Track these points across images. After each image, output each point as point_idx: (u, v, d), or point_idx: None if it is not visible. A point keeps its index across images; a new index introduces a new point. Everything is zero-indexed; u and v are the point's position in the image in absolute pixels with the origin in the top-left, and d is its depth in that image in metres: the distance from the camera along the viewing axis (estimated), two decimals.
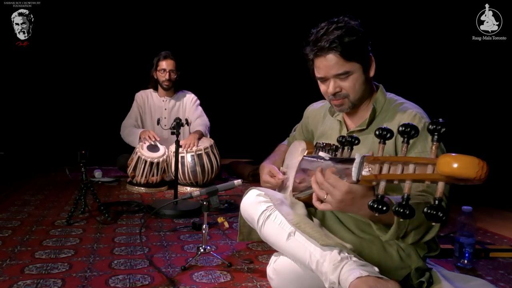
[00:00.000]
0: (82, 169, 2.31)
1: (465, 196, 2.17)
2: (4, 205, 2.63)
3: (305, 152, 1.67)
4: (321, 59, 1.38)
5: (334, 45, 1.33)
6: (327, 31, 1.36)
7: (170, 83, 3.48)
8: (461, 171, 0.72)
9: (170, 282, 1.54)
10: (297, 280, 1.34)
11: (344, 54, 1.34)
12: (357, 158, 0.96)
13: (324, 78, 1.41)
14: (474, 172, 0.71)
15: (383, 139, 0.93)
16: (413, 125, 0.88)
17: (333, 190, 1.08)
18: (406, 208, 0.82)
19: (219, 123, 3.89)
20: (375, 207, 0.87)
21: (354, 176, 0.95)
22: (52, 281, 1.53)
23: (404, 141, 0.89)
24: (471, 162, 0.72)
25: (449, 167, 0.74)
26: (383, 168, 0.90)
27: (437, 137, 0.82)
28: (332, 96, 1.42)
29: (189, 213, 2.52)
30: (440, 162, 0.76)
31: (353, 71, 1.37)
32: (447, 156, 0.75)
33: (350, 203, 1.08)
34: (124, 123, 3.52)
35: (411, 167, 0.85)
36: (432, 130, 0.82)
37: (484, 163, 0.72)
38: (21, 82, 4.33)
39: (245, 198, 1.52)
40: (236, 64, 4.72)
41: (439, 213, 0.78)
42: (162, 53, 3.46)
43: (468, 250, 1.81)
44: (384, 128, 0.93)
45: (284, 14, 4.54)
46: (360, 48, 1.37)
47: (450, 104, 4.23)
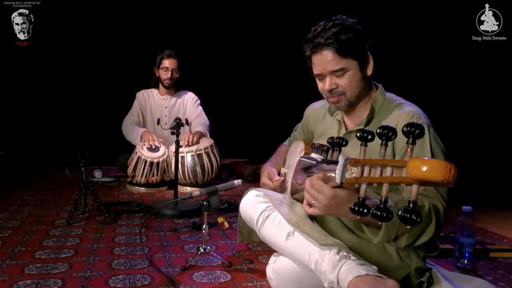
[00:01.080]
0: (82, 169, 2.31)
1: (465, 196, 2.17)
2: (4, 205, 2.63)
3: (303, 153, 1.67)
4: (317, 55, 1.39)
5: (330, 41, 1.34)
6: (324, 28, 1.37)
7: (171, 82, 3.49)
8: (429, 174, 0.72)
9: (170, 282, 1.54)
10: (297, 280, 1.34)
11: (340, 51, 1.35)
12: (340, 161, 0.95)
13: (321, 75, 1.42)
14: (441, 176, 0.71)
15: (364, 141, 0.92)
16: (391, 127, 0.85)
17: (318, 195, 1.09)
18: (383, 211, 0.82)
19: (219, 123, 3.89)
20: (356, 210, 0.87)
21: (337, 178, 0.95)
22: (52, 281, 1.53)
23: (382, 143, 0.86)
24: (439, 165, 0.71)
25: (418, 171, 0.73)
26: (365, 170, 0.89)
27: (412, 140, 0.80)
28: (329, 93, 1.42)
29: (189, 213, 2.52)
30: (410, 166, 0.75)
31: (349, 68, 1.38)
32: (416, 160, 0.74)
33: (335, 207, 1.09)
34: (126, 119, 3.52)
35: (388, 170, 0.84)
36: (406, 132, 0.80)
37: (452, 166, 0.71)
38: (21, 82, 4.33)
39: (244, 199, 1.52)
40: (236, 64, 4.72)
41: (413, 216, 0.77)
42: (166, 51, 3.48)
43: (468, 250, 1.81)
44: (365, 130, 0.92)
45: (284, 15, 4.54)
46: (357, 46, 1.37)
47: (450, 104, 4.24)
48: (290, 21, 4.42)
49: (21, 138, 4.33)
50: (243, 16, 4.61)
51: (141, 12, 4.47)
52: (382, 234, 1.14)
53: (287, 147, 1.95)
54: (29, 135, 4.36)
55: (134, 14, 4.46)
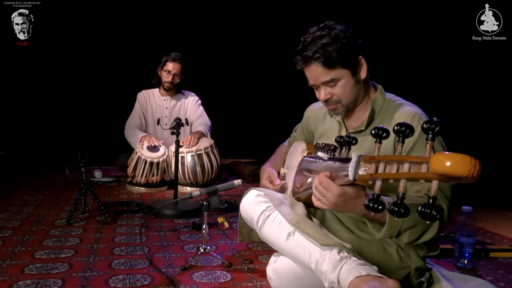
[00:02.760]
0: (82, 169, 2.31)
1: (465, 196, 2.16)
2: (4, 205, 2.63)
3: (305, 153, 1.67)
4: (308, 69, 1.42)
5: (317, 55, 1.36)
6: (312, 40, 1.38)
7: (171, 85, 3.49)
8: (454, 169, 0.72)
9: (170, 282, 1.54)
10: (297, 280, 1.34)
11: (327, 63, 1.36)
12: (354, 158, 0.96)
13: (315, 86, 1.45)
14: (466, 170, 0.71)
15: (379, 139, 0.93)
16: (408, 124, 0.88)
17: (327, 193, 1.11)
18: (401, 207, 0.83)
19: (219, 123, 3.89)
20: (371, 206, 0.88)
21: (350, 175, 0.96)
22: (52, 281, 1.53)
23: (399, 140, 0.89)
24: (464, 160, 0.72)
25: (442, 166, 0.73)
26: (379, 167, 0.90)
27: (431, 136, 0.81)
28: (325, 102, 1.45)
29: (189, 213, 2.52)
30: (433, 160, 0.75)
31: (340, 77, 1.39)
32: (440, 155, 0.74)
33: (343, 204, 1.12)
34: (129, 122, 3.52)
35: (406, 166, 0.85)
36: (426, 129, 0.82)
37: (476, 161, 0.71)
38: (21, 82, 4.33)
39: (244, 199, 1.52)
40: (237, 64, 4.72)
41: (433, 211, 0.78)
42: (172, 54, 3.45)
43: (468, 250, 1.81)
44: (380, 127, 0.94)
45: (285, 16, 4.54)
46: (345, 54, 1.37)
47: (450, 104, 4.24)
48: (291, 22, 4.42)
49: (21, 138, 4.33)
50: (246, 17, 4.61)
51: (142, 12, 4.48)
52: (385, 230, 1.16)
53: (287, 147, 1.95)
54: (29, 135, 4.36)
55: (135, 14, 4.46)
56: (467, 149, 0.80)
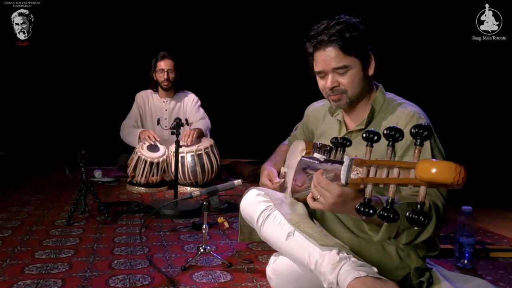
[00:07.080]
0: (82, 169, 2.31)
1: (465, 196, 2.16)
2: (4, 205, 2.63)
3: (304, 152, 1.67)
4: (321, 52, 1.39)
5: (334, 38, 1.34)
6: (327, 26, 1.37)
7: (169, 83, 3.48)
8: (439, 176, 0.72)
9: (170, 282, 1.54)
10: (296, 280, 1.34)
11: (344, 48, 1.35)
12: (346, 161, 0.95)
13: (323, 72, 1.41)
14: (451, 178, 0.71)
15: (370, 142, 0.92)
16: (398, 128, 0.86)
17: (325, 193, 1.09)
18: (390, 212, 0.82)
19: (219, 123, 3.89)
20: (361, 211, 0.87)
21: (343, 179, 0.95)
22: (52, 281, 1.53)
23: (389, 144, 0.87)
24: (449, 167, 0.72)
25: (427, 173, 0.73)
26: (370, 171, 0.89)
27: (420, 141, 0.80)
28: (330, 91, 1.42)
29: (189, 213, 2.52)
30: (419, 167, 0.75)
31: (352, 66, 1.38)
32: (426, 162, 0.74)
33: (341, 205, 1.09)
34: (124, 124, 3.52)
35: (395, 171, 0.84)
36: (414, 134, 0.80)
37: (461, 168, 0.71)
38: (21, 82, 4.33)
39: (244, 198, 1.52)
40: (236, 64, 4.72)
41: (421, 217, 0.77)
42: (159, 53, 3.46)
43: (468, 250, 1.81)
44: (371, 131, 0.92)
45: (284, 14, 4.54)
46: (360, 44, 1.38)
47: (450, 104, 4.24)
48: (291, 21, 4.42)
49: (21, 138, 4.32)
50: (245, 15, 4.61)
51: (141, 12, 4.47)
52: (383, 231, 1.15)
53: (287, 146, 1.95)
54: (29, 135, 4.36)
55: (134, 14, 4.46)
56: (467, 149, 0.80)
